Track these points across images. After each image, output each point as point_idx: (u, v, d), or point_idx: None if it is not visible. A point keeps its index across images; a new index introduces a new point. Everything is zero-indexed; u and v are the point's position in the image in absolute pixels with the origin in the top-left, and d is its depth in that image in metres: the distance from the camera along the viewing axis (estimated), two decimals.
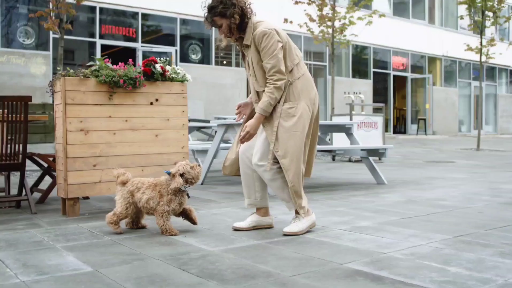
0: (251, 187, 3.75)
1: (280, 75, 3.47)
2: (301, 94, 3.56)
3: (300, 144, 3.52)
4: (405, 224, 3.89)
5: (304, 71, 3.65)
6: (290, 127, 3.50)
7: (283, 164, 3.47)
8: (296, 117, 3.51)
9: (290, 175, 3.46)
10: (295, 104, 3.54)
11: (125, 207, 3.61)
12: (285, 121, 3.51)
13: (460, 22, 25.90)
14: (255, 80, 3.60)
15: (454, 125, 25.79)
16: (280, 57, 3.48)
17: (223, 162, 3.90)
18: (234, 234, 3.58)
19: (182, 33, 16.71)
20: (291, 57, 3.59)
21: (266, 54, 3.48)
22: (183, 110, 4.91)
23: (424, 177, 7.67)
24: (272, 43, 3.46)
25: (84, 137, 4.35)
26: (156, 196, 3.59)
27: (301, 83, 3.59)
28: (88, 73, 4.43)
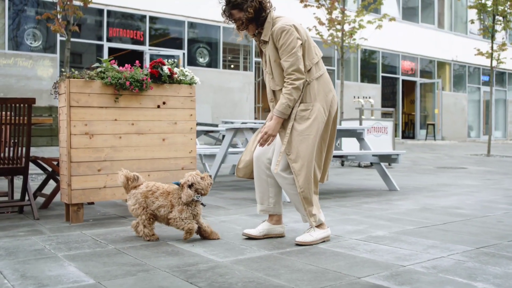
0: (265, 193, 3.59)
1: (299, 74, 3.31)
2: (317, 96, 3.40)
3: (313, 148, 3.35)
4: (423, 234, 3.71)
5: (323, 71, 3.48)
6: (303, 130, 3.34)
7: (293, 168, 3.31)
8: (310, 119, 3.35)
9: (300, 180, 3.30)
10: (310, 106, 3.38)
11: (146, 212, 3.49)
12: (298, 123, 3.36)
13: (469, 27, 25.69)
14: (271, 78, 3.45)
15: (463, 130, 25.53)
16: (299, 55, 3.32)
17: (237, 164, 3.75)
18: (243, 243, 3.42)
19: (189, 36, 16.60)
20: (310, 56, 3.43)
21: (284, 52, 3.32)
22: (191, 114, 4.76)
23: (436, 183, 7.48)
24: (291, 40, 3.31)
25: (89, 140, 4.21)
26: (168, 205, 3.46)
27: (319, 83, 3.43)
28: (93, 75, 4.30)
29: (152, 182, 3.61)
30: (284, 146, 3.34)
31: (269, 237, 3.60)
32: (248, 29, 3.47)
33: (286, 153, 3.34)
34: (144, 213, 3.48)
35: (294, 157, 3.32)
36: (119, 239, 3.54)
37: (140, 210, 3.48)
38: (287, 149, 3.34)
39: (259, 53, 3.65)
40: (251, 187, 6.79)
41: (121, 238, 3.56)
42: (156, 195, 3.50)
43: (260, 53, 3.62)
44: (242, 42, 17.93)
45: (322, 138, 3.44)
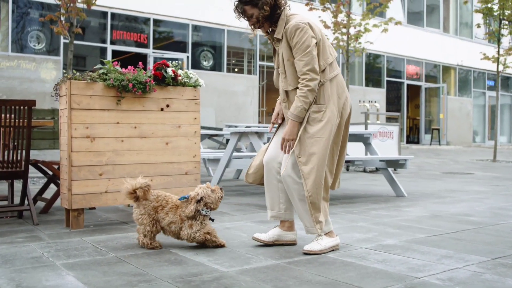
0: (275, 198, 3.47)
1: (314, 74, 3.18)
2: (331, 97, 3.28)
3: (324, 152, 3.22)
4: (435, 243, 3.58)
5: (337, 72, 3.36)
6: (315, 132, 3.22)
7: (302, 171, 3.18)
8: (323, 122, 3.23)
9: (308, 184, 3.17)
10: (323, 107, 3.25)
11: (151, 223, 3.34)
12: (310, 125, 3.24)
13: (474, 31, 25.54)
14: (284, 78, 3.32)
15: (468, 135, 25.36)
16: (314, 54, 3.20)
17: (247, 169, 3.62)
18: (249, 251, 3.29)
19: (193, 39, 16.51)
20: (325, 56, 3.30)
21: (299, 50, 3.20)
22: (195, 117, 4.64)
23: (444, 189, 7.34)
24: (306, 38, 3.19)
25: (90, 144, 4.09)
26: (177, 220, 3.34)
27: (333, 85, 3.31)
28: (95, 76, 4.18)
29: (161, 193, 3.47)
30: (295, 149, 3.22)
31: (280, 243, 3.48)
32: (261, 27, 3.35)
33: (296, 155, 3.22)
34: (149, 224, 3.33)
35: (304, 160, 3.19)
36: (120, 246, 3.42)
37: (147, 220, 3.34)
38: (298, 151, 3.22)
39: (272, 52, 3.53)
40: (255, 192, 6.66)
41: (122, 246, 3.43)
42: (166, 210, 3.36)
43: (273, 52, 3.50)
44: (246, 46, 17.85)
45: (334, 142, 3.32)
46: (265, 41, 18.29)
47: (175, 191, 4.49)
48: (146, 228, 3.33)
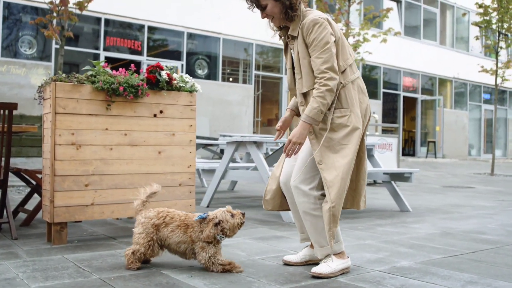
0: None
1: (333, 74, 2.85)
2: (354, 101, 2.96)
3: (351, 160, 2.89)
4: (454, 265, 3.25)
5: (358, 75, 3.05)
6: (341, 138, 2.90)
7: (325, 178, 2.84)
8: (349, 127, 2.91)
9: (332, 193, 2.82)
10: (348, 111, 2.93)
11: (147, 245, 2.98)
12: (335, 131, 2.91)
13: (471, 45, 25.44)
14: (299, 79, 2.99)
15: (464, 148, 25.15)
16: (333, 51, 2.88)
17: (264, 196, 3.28)
18: (250, 274, 2.94)
19: (188, 47, 16.21)
20: (344, 56, 2.99)
21: (316, 47, 2.88)
22: (191, 124, 4.31)
23: (448, 204, 7.03)
24: (325, 34, 2.87)
25: (76, 152, 3.74)
26: (188, 241, 2.98)
27: (355, 87, 2.99)
28: (83, 78, 3.85)
29: (163, 209, 3.10)
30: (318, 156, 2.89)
31: (313, 263, 3.17)
32: (274, 19, 3.02)
33: (317, 162, 2.89)
34: (144, 245, 2.97)
35: (326, 167, 2.86)
36: (105, 266, 3.06)
37: (143, 241, 2.98)
38: (319, 158, 2.89)
39: (284, 51, 3.19)
40: (252, 205, 6.32)
41: (108, 265, 3.08)
42: (171, 227, 3.00)
43: (285, 51, 3.17)
44: (242, 55, 17.56)
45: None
46: (261, 51, 18.04)
47: (168, 204, 4.14)
48: (140, 249, 2.97)
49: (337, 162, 2.85)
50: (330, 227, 2.85)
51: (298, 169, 2.97)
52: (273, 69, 18.62)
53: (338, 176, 2.84)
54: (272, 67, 18.62)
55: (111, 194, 3.89)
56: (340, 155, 2.87)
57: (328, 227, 2.85)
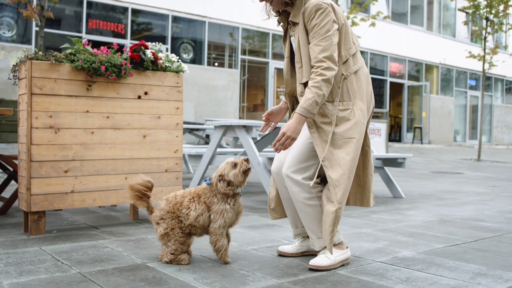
0: (296, 214, 2.94)
1: (331, 63, 2.62)
2: (357, 93, 2.75)
3: (355, 155, 2.70)
4: (458, 255, 3.07)
5: (361, 64, 2.83)
6: (344, 132, 2.68)
7: (330, 177, 2.63)
8: (351, 121, 2.70)
9: (338, 193, 2.62)
10: (350, 105, 2.72)
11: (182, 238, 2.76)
12: (336, 125, 2.70)
13: (458, 30, 25.36)
14: (299, 67, 2.76)
15: (449, 134, 25.17)
16: (334, 40, 2.65)
17: (268, 205, 3.08)
18: (243, 267, 2.73)
19: (173, 31, 15.85)
20: (347, 45, 2.77)
21: (316, 34, 2.64)
22: (178, 107, 4.06)
23: (441, 190, 6.89)
24: (327, 21, 2.63)
25: (54, 135, 3.48)
26: (204, 210, 2.76)
27: (358, 78, 2.78)
28: (61, 56, 3.58)
29: (169, 195, 2.85)
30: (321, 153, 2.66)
31: (310, 254, 2.97)
32: (272, 3, 2.79)
33: (321, 160, 2.67)
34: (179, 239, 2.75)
35: (330, 164, 2.65)
36: (86, 259, 2.83)
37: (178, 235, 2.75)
38: (322, 154, 2.66)
39: (283, 37, 2.95)
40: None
41: (89, 258, 2.84)
42: (185, 204, 2.76)
43: (284, 38, 2.92)
44: (228, 39, 17.25)
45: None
46: (247, 35, 17.73)
47: (153, 191, 3.90)
48: (172, 247, 2.74)
49: (341, 159, 2.65)
50: (332, 229, 2.64)
51: (292, 158, 2.76)
52: (259, 53, 18.34)
53: (344, 175, 2.64)
54: (258, 52, 18.33)
55: (93, 180, 3.65)
56: (344, 151, 2.66)
57: (331, 228, 2.64)
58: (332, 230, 2.63)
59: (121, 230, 3.67)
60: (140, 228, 3.76)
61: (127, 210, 4.52)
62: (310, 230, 2.80)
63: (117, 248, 3.08)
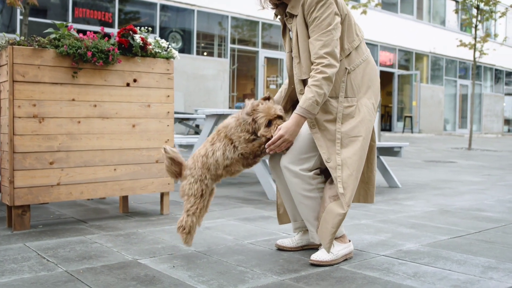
0: (295, 207, 2.79)
1: (332, 60, 2.45)
2: (361, 87, 2.59)
3: (362, 154, 2.56)
4: (465, 248, 2.94)
5: (366, 56, 2.66)
6: (349, 131, 2.53)
7: (336, 179, 2.49)
8: (356, 118, 2.55)
9: (347, 195, 2.48)
10: (354, 101, 2.57)
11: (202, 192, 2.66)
12: (341, 123, 2.55)
13: (447, 18, 25.30)
14: (298, 63, 2.60)
15: (439, 123, 25.17)
16: (335, 35, 2.48)
17: (277, 211, 2.95)
18: (241, 263, 2.58)
19: (162, 19, 15.60)
20: (350, 37, 2.60)
21: (317, 28, 2.47)
22: (168, 95, 3.89)
23: (436, 179, 6.78)
24: (328, 14, 2.46)
25: (38, 125, 3.30)
26: (227, 144, 2.62)
27: (363, 71, 2.61)
28: (45, 42, 3.38)
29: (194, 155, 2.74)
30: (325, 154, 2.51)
31: (309, 248, 2.83)
32: None
33: (325, 160, 2.52)
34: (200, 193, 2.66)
35: (335, 165, 2.50)
36: (73, 255, 2.66)
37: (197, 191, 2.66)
38: (326, 156, 2.51)
39: (282, 31, 2.78)
40: (233, 182, 5.95)
41: (76, 255, 2.67)
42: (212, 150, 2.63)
43: (283, 31, 2.75)
44: (217, 28, 17.02)
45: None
46: (236, 24, 17.51)
47: (143, 183, 3.75)
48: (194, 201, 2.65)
49: (348, 159, 2.50)
50: (335, 230, 2.50)
51: (291, 149, 2.60)
52: (248, 42, 18.12)
53: (352, 176, 2.50)
54: (247, 41, 18.12)
55: (80, 172, 3.47)
56: (350, 150, 2.51)
57: (334, 230, 2.49)
58: (335, 231, 2.49)
59: (110, 224, 3.50)
60: (130, 221, 3.60)
61: (116, 203, 4.35)
62: (309, 222, 2.65)
63: (106, 244, 2.91)
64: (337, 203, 2.48)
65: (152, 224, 3.52)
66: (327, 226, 2.48)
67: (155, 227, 3.42)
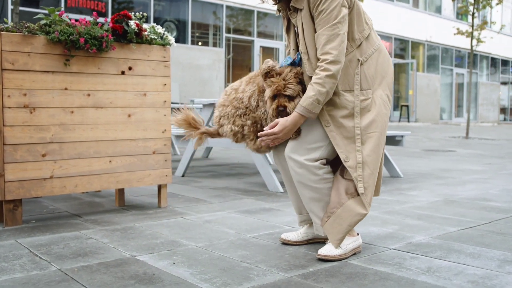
0: (300, 200, 2.66)
1: (338, 56, 2.31)
2: (375, 78, 2.46)
3: (379, 150, 2.43)
4: (477, 240, 2.82)
5: (378, 45, 2.52)
6: (366, 127, 2.40)
7: (356, 179, 2.37)
8: (373, 112, 2.41)
9: (368, 195, 2.39)
10: (369, 93, 2.43)
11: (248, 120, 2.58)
12: (359, 118, 2.42)
13: (443, 7, 25.14)
14: (307, 59, 2.44)
15: (436, 112, 25.10)
16: (342, 29, 2.33)
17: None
18: (245, 259, 2.45)
19: (156, 9, 15.38)
20: (360, 27, 2.45)
21: (323, 21, 2.33)
22: (165, 83, 3.74)
23: (437, 168, 6.67)
24: (335, 6, 2.31)
25: (29, 116, 3.15)
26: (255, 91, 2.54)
27: (376, 61, 2.48)
28: (35, 28, 3.22)
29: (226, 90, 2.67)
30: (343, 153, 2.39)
31: (315, 241, 2.71)
32: None
33: (343, 160, 2.39)
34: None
35: (355, 163, 2.38)
36: (68, 252, 2.52)
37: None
38: (344, 155, 2.39)
39: (285, 28, 2.61)
40: (231, 173, 5.82)
41: (71, 252, 2.54)
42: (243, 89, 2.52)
43: (286, 28, 2.59)
44: (212, 17, 16.81)
45: None
46: (231, 13, 17.30)
47: (140, 175, 3.61)
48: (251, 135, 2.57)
49: (367, 157, 2.38)
50: (350, 229, 2.42)
51: (297, 139, 2.47)
52: (244, 32, 17.93)
53: (372, 175, 2.41)
54: (243, 30, 17.92)
55: (74, 165, 3.32)
56: (368, 147, 2.39)
57: (350, 228, 2.41)
58: (349, 230, 2.40)
59: (106, 218, 3.36)
60: (127, 215, 3.46)
61: (112, 196, 4.21)
62: (314, 214, 2.52)
63: (102, 239, 2.78)
64: (357, 201, 2.38)
65: (150, 217, 3.38)
66: (341, 222, 2.37)
67: (152, 221, 3.29)
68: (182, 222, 3.26)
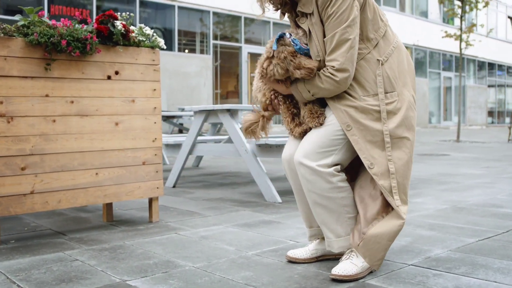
0: (310, 212, 2.41)
1: (345, 63, 2.11)
2: (399, 78, 2.24)
3: (409, 157, 2.22)
4: (500, 252, 2.59)
5: (396, 42, 2.31)
6: (393, 131, 2.18)
7: (384, 188, 2.15)
8: (399, 115, 2.19)
9: (404, 206, 2.18)
10: (394, 95, 2.21)
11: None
12: (387, 123, 2.19)
13: (430, 11, 25.17)
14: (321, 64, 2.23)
15: (425, 116, 25.05)
16: (353, 33, 2.11)
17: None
18: (249, 280, 2.19)
19: (141, 16, 15.12)
20: (375, 25, 2.23)
21: (331, 25, 2.12)
22: (155, 88, 3.48)
23: (437, 173, 6.46)
24: (346, 7, 2.09)
25: (7, 126, 2.87)
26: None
27: (397, 60, 2.27)
28: (12, 29, 2.95)
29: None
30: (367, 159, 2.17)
31: (324, 259, 2.46)
32: None
33: (368, 166, 2.17)
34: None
35: (380, 171, 2.17)
36: (50, 278, 2.24)
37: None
38: (369, 161, 2.17)
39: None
40: (224, 183, 5.56)
41: (53, 277, 2.26)
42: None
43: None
44: (199, 24, 16.58)
45: None
46: (218, 20, 17.08)
47: (130, 188, 3.34)
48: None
49: (399, 165, 2.19)
50: (391, 243, 2.21)
51: (308, 142, 2.22)
52: (231, 38, 17.72)
53: (405, 184, 2.22)
54: (230, 37, 17.71)
55: (57, 178, 3.05)
56: (397, 153, 2.19)
57: (390, 243, 2.20)
58: (390, 245, 2.20)
59: (93, 235, 3.09)
60: (116, 232, 3.18)
61: (99, 210, 3.93)
62: (326, 227, 2.27)
63: (88, 261, 2.50)
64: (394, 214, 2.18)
65: (141, 234, 3.11)
66: (378, 240, 2.16)
67: (144, 237, 3.02)
68: (176, 238, 2.99)
